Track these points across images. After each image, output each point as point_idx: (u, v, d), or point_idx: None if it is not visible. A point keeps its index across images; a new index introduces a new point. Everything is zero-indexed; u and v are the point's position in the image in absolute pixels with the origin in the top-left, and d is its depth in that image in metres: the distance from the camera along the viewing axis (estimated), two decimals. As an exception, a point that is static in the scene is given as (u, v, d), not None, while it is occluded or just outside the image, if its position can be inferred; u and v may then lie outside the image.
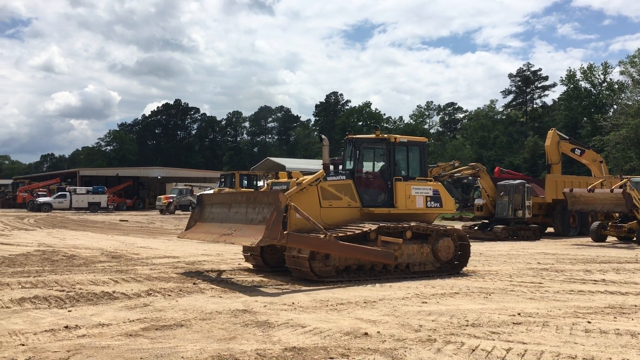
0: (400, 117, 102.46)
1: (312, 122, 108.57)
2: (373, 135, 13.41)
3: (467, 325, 7.75)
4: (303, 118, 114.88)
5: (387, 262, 11.80)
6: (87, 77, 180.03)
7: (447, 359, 6.18)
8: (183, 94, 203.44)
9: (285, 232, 10.90)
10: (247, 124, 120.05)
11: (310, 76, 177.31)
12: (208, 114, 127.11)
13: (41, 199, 54.63)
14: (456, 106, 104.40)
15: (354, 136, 13.51)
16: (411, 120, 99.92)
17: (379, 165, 13.69)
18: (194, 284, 11.16)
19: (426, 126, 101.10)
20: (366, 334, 7.21)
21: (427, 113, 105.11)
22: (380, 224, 11.98)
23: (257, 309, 8.80)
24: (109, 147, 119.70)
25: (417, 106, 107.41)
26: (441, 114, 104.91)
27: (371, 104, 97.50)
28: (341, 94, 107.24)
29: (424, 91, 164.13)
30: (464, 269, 13.24)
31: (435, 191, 13.38)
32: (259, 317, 8.15)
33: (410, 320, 8.03)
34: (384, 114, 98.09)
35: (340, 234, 11.46)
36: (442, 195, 13.49)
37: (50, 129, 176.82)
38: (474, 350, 6.49)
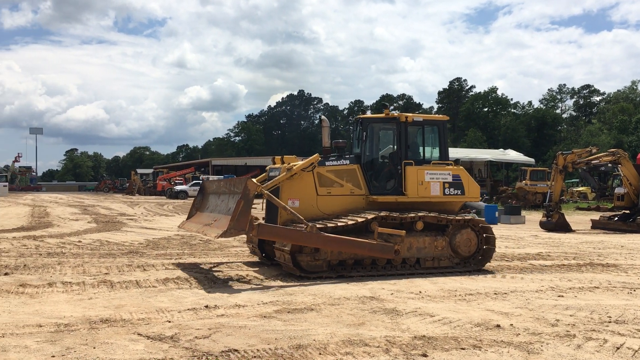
0: (530, 102, 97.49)
1: (435, 110, 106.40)
2: (382, 115, 11.93)
3: (609, 322, 7.26)
4: (425, 105, 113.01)
5: (385, 256, 10.60)
6: (216, 72, 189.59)
7: (588, 356, 5.83)
8: (305, 84, 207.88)
9: (256, 223, 10.03)
10: (369, 113, 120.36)
11: (430, 62, 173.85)
12: (330, 104, 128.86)
13: (178, 187, 58.51)
14: (592, 89, 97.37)
15: (362, 116, 12.22)
16: (541, 105, 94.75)
17: (392, 148, 12.17)
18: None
19: (558, 110, 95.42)
20: (498, 326, 7.00)
21: (559, 97, 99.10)
22: (379, 214, 10.73)
23: (384, 296, 8.84)
24: (237, 138, 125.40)
25: (548, 90, 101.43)
26: (575, 97, 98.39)
27: (497, 89, 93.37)
28: (465, 80, 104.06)
29: (554, 74, 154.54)
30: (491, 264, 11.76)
31: (455, 176, 11.72)
32: (386, 305, 8.18)
33: (546, 314, 7.67)
34: (511, 99, 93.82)
35: (329, 225, 10.39)
36: (464, 180, 11.79)
37: (184, 121, 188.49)
38: (618, 349, 6.07)
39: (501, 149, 53.65)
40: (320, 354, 5.87)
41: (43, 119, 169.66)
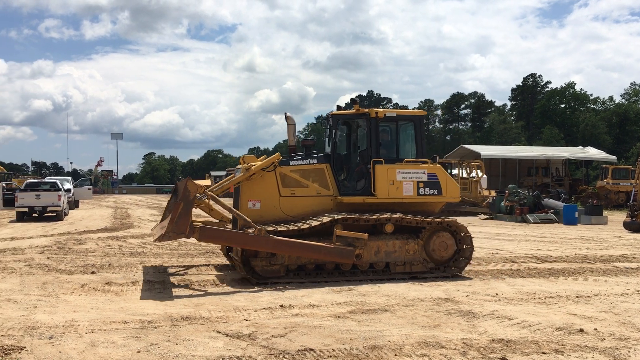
0: (610, 97, 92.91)
1: (509, 107, 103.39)
2: (352, 111, 11.27)
3: None
4: (497, 103, 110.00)
5: (344, 261, 10.04)
6: (285, 75, 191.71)
7: (681, 364, 5.52)
8: (373, 85, 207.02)
9: (198, 226, 9.58)
10: (439, 112, 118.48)
11: (502, 59, 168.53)
12: (400, 103, 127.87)
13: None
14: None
15: (332, 112, 11.49)
16: (623, 100, 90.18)
17: (363, 146, 11.41)
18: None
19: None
20: (581, 330, 6.74)
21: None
22: (334, 217, 10.04)
23: (459, 298, 8.69)
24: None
25: (631, 84, 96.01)
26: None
27: (575, 84, 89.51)
28: (540, 76, 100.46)
29: (634, 67, 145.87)
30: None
31: (431, 175, 10.86)
32: (462, 307, 8.04)
33: (633, 319, 7.31)
34: (591, 94, 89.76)
35: (279, 229, 9.87)
36: (441, 180, 10.93)
37: (254, 124, 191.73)
38: None
39: (580, 147, 51.42)
40: (395, 355, 5.85)
41: (122, 125, 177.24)
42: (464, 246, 10.76)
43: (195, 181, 9.93)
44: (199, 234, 9.54)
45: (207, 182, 12.73)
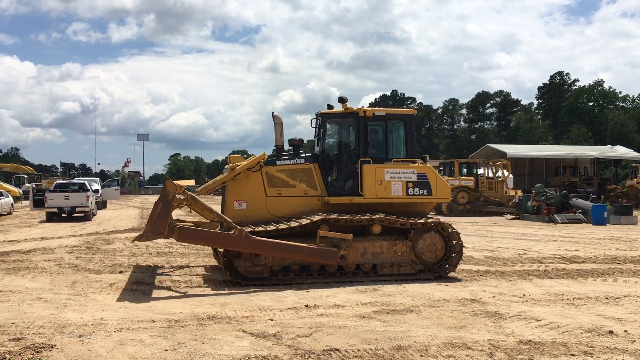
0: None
1: (535, 106, 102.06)
2: (341, 110, 11.08)
3: None
4: (524, 102, 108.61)
5: (328, 262, 9.89)
6: (308, 75, 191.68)
7: None
8: (396, 85, 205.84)
9: (177, 227, 9.46)
10: (463, 111, 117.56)
11: (528, 57, 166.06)
12: (424, 103, 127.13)
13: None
14: None
15: (321, 111, 11.24)
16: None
17: (352, 145, 11.20)
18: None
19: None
20: (611, 332, 6.64)
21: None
22: (313, 218, 9.90)
23: (485, 299, 8.62)
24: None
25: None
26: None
27: (603, 82, 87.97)
28: (567, 74, 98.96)
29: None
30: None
31: (421, 175, 10.64)
32: (488, 308, 7.97)
33: (665, 321, 7.17)
34: (619, 92, 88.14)
35: (257, 229, 9.74)
36: (431, 180, 10.69)
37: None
38: None
39: (609, 145, 50.54)
40: (421, 355, 5.83)
41: (148, 126, 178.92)
42: (454, 242, 10.50)
43: (176, 181, 9.95)
44: (177, 234, 9.47)
45: (189, 182, 13.00)
